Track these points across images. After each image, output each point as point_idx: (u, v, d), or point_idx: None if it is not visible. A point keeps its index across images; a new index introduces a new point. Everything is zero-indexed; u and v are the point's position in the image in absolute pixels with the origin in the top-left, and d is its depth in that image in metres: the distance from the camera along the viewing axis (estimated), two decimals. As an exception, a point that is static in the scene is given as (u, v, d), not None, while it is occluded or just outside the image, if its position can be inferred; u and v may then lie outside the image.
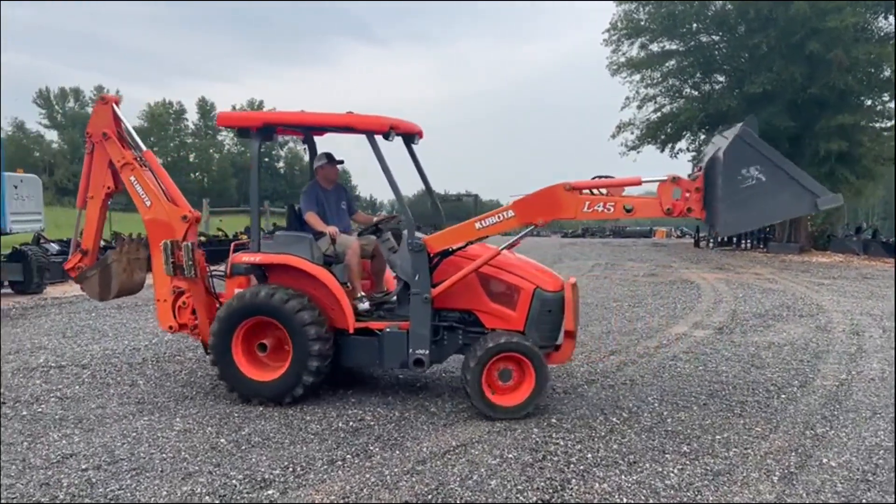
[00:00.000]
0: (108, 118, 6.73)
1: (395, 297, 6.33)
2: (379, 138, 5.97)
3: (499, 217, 5.62)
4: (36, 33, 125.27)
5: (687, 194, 5.28)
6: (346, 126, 6.41)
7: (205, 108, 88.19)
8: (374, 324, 6.09)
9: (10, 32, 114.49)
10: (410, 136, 6.59)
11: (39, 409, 5.85)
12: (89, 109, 74.84)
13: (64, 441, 5.11)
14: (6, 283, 12.84)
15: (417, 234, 5.97)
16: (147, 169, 6.70)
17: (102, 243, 7.53)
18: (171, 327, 6.59)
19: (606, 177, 5.55)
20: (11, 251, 12.76)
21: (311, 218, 6.53)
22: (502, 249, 5.83)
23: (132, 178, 6.61)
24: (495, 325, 5.96)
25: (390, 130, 5.94)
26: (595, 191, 5.51)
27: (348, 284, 6.34)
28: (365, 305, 6.24)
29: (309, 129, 6.89)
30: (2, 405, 5.95)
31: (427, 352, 5.86)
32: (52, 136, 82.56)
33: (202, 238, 6.49)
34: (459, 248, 5.95)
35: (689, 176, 5.47)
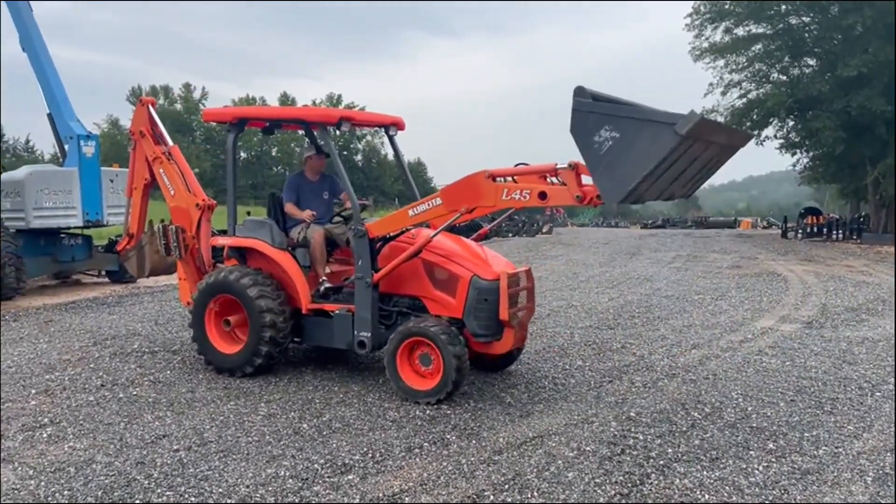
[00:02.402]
0: (144, 118, 7.59)
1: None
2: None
3: (428, 204, 5.78)
4: (129, 35, 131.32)
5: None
6: (298, 119, 7.28)
7: (286, 103, 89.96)
8: (329, 306, 6.42)
9: (105, 35, 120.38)
10: (386, 128, 6.99)
11: (135, 392, 6.17)
12: (178, 106, 78.41)
13: (157, 423, 5.38)
14: (103, 272, 13.57)
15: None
16: (173, 162, 7.45)
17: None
18: (188, 303, 7.22)
19: (525, 164, 5.66)
20: (107, 242, 13.43)
21: (290, 208, 6.93)
22: (433, 237, 5.89)
23: (160, 171, 7.47)
24: (439, 312, 6.07)
25: (340, 121, 6.26)
26: (511, 178, 5.58)
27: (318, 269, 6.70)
28: (320, 290, 6.55)
29: (270, 122, 7.31)
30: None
31: (369, 334, 6.09)
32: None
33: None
34: (398, 235, 6.15)
35: None
